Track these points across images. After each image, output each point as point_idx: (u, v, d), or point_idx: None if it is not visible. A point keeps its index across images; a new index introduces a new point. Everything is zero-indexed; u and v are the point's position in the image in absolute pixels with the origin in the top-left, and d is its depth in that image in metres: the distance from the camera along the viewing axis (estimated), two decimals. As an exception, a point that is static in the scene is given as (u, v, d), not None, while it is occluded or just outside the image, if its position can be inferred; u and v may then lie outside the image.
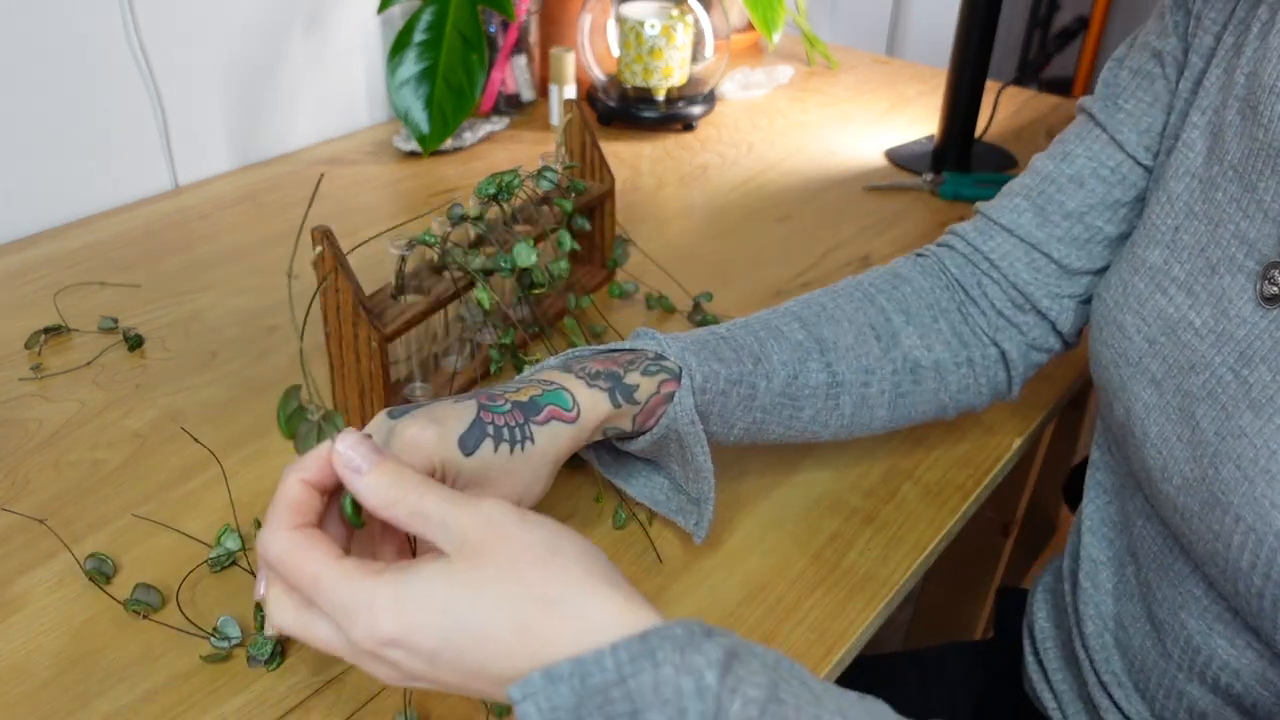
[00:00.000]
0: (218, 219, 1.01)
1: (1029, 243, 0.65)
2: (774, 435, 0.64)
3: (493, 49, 1.20)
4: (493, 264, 0.72)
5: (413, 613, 0.38)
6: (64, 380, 0.77)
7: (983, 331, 0.67)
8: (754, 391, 0.61)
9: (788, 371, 0.62)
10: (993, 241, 0.67)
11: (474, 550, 0.39)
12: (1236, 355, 0.50)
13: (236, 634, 0.55)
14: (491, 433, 0.52)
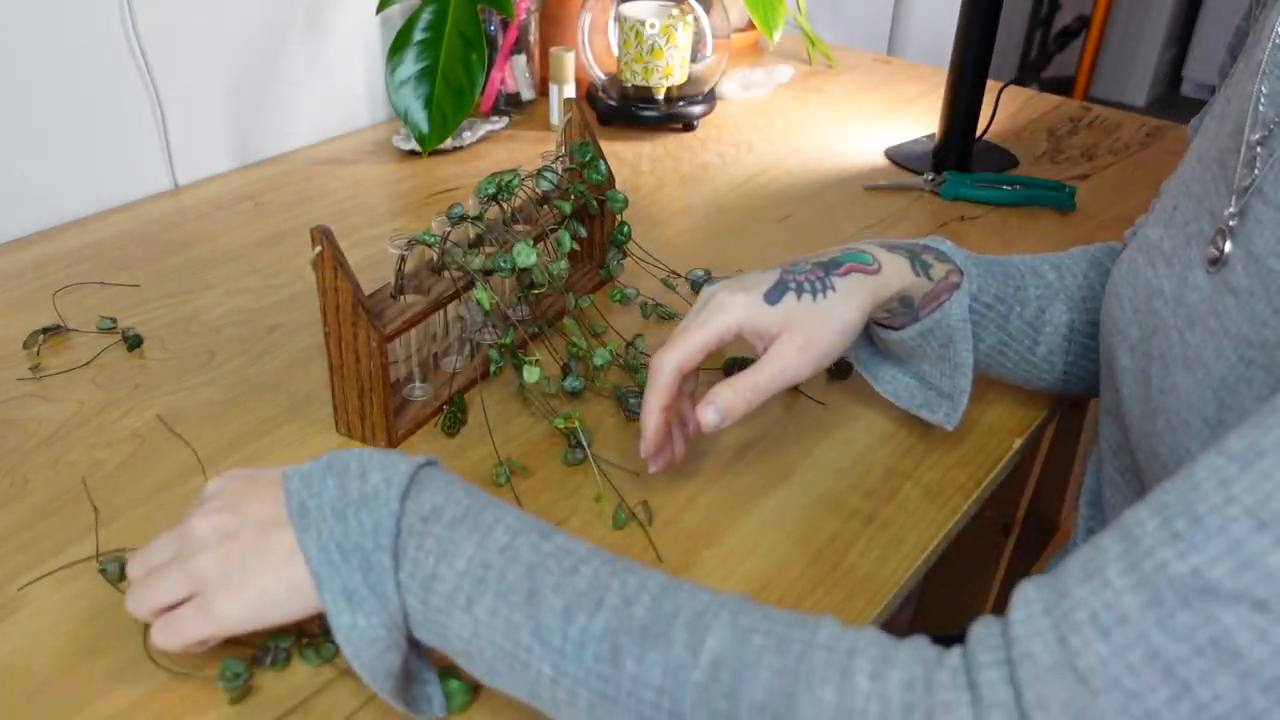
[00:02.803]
0: (217, 219, 1.01)
1: None
2: (1009, 365, 0.70)
3: (492, 48, 1.20)
4: (492, 264, 0.72)
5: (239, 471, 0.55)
6: (63, 380, 0.77)
7: None
8: (1009, 313, 0.68)
9: (1038, 305, 0.69)
10: None
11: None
12: (1184, 318, 0.53)
13: (242, 670, 0.53)
14: (793, 286, 0.60)
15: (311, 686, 0.54)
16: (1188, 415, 0.50)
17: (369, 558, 0.48)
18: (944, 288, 0.66)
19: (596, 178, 0.84)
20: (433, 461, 0.52)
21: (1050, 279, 0.71)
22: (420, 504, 0.49)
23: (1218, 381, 0.49)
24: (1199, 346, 0.51)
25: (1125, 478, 0.62)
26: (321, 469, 0.50)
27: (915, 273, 0.64)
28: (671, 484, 0.69)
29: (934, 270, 0.65)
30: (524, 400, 0.76)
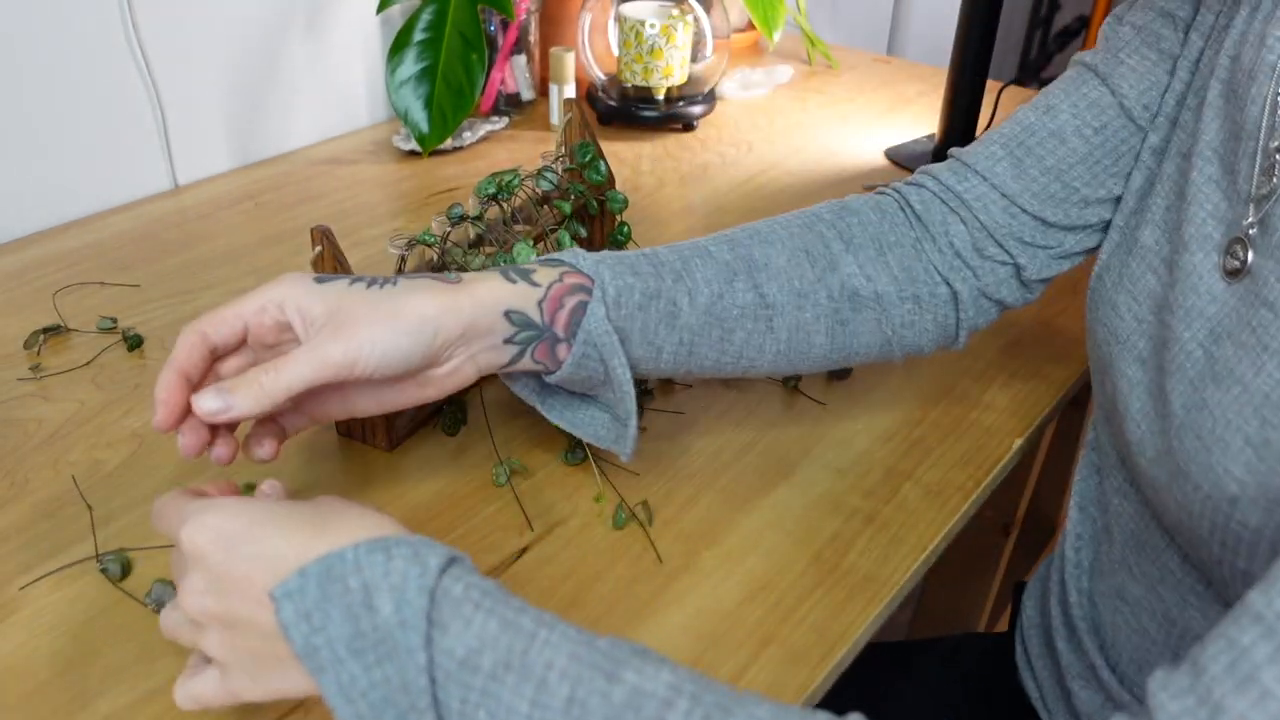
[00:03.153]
0: (217, 219, 1.01)
1: (1003, 193, 0.64)
2: (709, 363, 0.61)
3: (492, 48, 1.20)
4: (492, 264, 0.72)
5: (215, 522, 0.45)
6: (63, 380, 0.77)
7: (935, 269, 0.65)
8: (676, 309, 0.58)
9: (712, 290, 0.60)
10: (967, 183, 0.65)
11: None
12: (1206, 331, 0.51)
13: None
14: (351, 280, 0.52)
15: (312, 686, 0.54)
16: (1225, 433, 0.48)
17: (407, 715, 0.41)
18: (561, 291, 0.56)
19: (596, 178, 0.84)
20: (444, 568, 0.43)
21: (725, 258, 0.61)
22: (450, 648, 0.41)
23: (1260, 399, 0.47)
24: (1231, 362, 0.49)
25: (1133, 486, 0.61)
26: (317, 597, 0.42)
27: (510, 280, 0.55)
28: (671, 484, 0.69)
29: (537, 275, 0.56)
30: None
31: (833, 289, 0.63)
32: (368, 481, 0.68)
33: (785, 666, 0.56)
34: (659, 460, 0.71)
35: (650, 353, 0.59)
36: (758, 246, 0.63)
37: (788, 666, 0.56)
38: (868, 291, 0.64)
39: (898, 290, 0.64)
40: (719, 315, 0.60)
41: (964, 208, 0.65)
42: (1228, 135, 0.54)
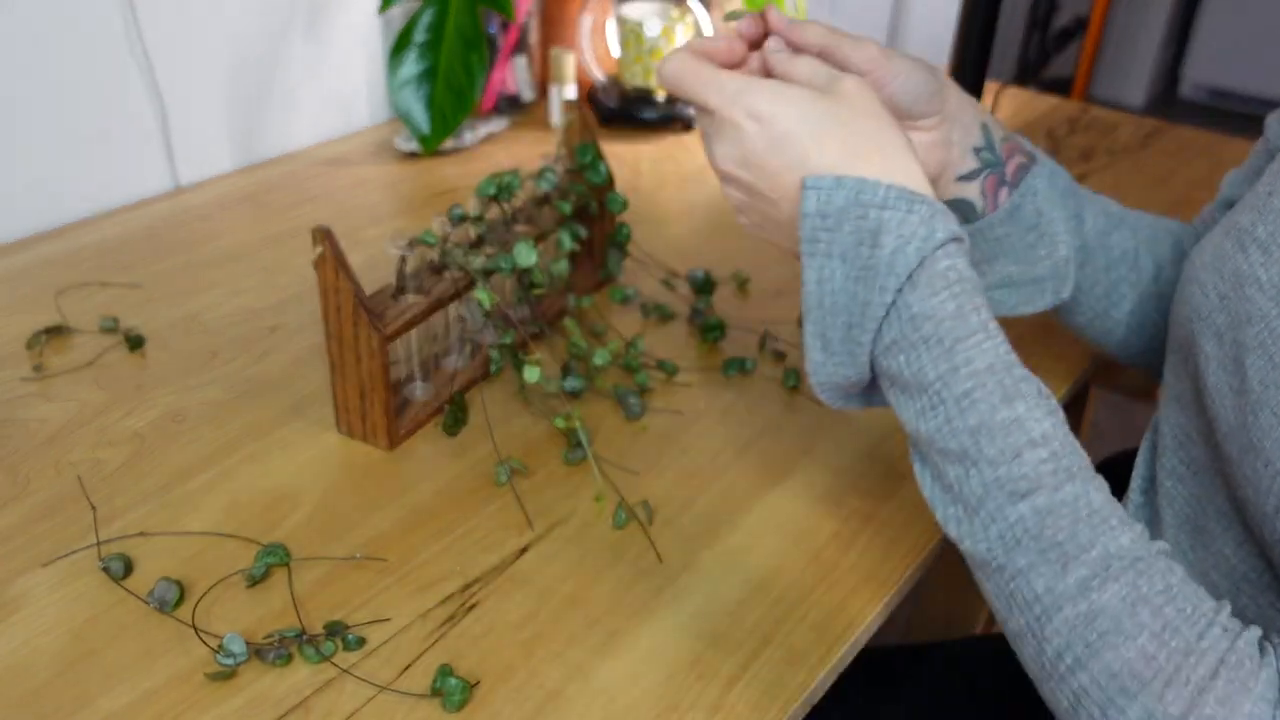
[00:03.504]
0: (219, 219, 1.01)
1: None
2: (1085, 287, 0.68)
3: (493, 49, 1.20)
4: (493, 264, 0.72)
5: (784, 101, 0.51)
6: (65, 380, 0.77)
7: None
8: (1081, 214, 0.66)
9: (1103, 224, 0.68)
10: None
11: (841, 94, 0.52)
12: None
13: (242, 650, 0.55)
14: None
15: (311, 686, 0.55)
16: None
17: (851, 326, 0.50)
18: (1015, 149, 0.64)
19: (597, 179, 0.85)
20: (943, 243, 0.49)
21: (1113, 208, 0.70)
22: (910, 302, 0.49)
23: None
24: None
25: (1192, 470, 0.60)
26: (840, 205, 0.49)
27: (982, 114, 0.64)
28: (671, 484, 0.69)
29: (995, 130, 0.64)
30: (524, 400, 0.76)
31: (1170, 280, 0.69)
32: (368, 481, 0.69)
33: (785, 666, 0.56)
34: (659, 460, 0.71)
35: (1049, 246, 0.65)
36: (1136, 217, 0.70)
37: (788, 666, 0.56)
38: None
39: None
40: (1107, 245, 0.68)
41: None
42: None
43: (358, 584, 0.61)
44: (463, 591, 0.60)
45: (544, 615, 0.59)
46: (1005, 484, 0.47)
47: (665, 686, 0.55)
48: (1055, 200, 0.64)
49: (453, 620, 0.59)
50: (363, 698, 0.54)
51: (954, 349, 0.48)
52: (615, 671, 0.56)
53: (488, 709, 0.54)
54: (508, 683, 0.55)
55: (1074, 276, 0.66)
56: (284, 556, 0.61)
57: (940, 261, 0.49)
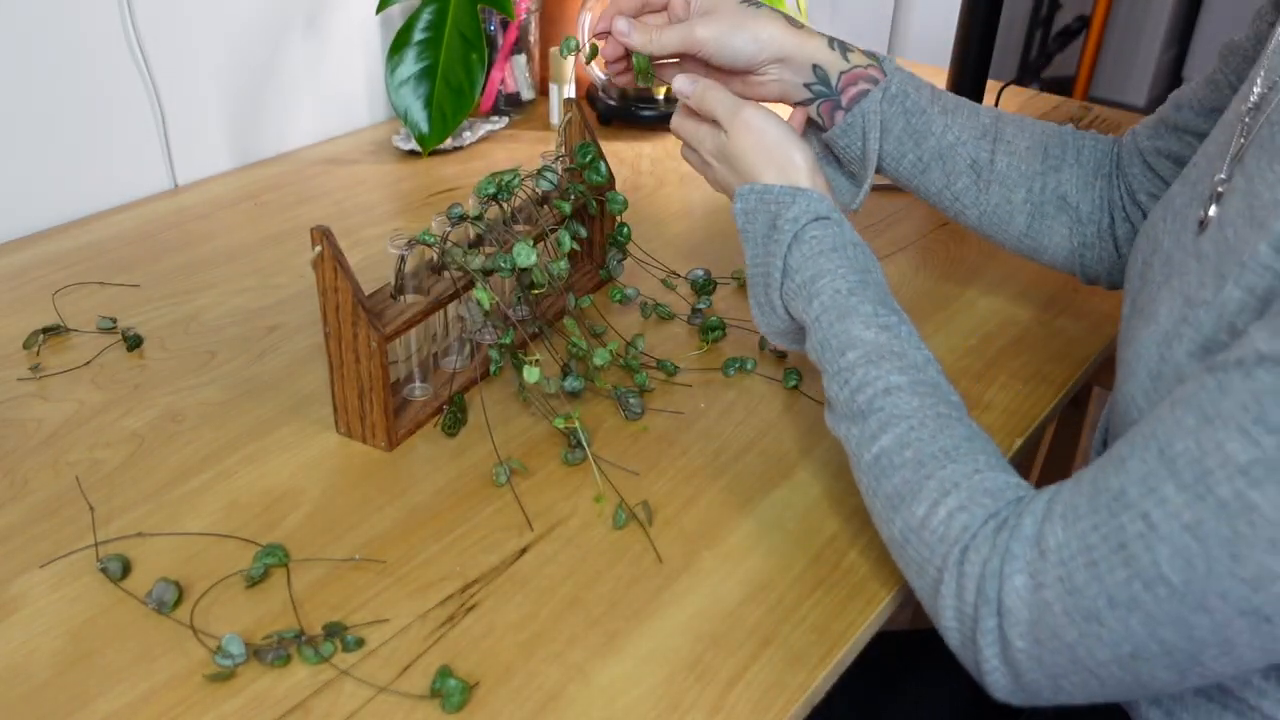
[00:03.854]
0: (217, 219, 1.01)
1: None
2: (931, 190, 0.78)
3: (492, 48, 1.20)
4: (492, 264, 0.72)
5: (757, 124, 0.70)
6: (63, 380, 0.77)
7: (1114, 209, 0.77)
8: (928, 132, 0.76)
9: (957, 136, 0.76)
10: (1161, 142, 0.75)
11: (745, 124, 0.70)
12: (1165, 276, 0.56)
13: (240, 651, 0.55)
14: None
15: (311, 686, 0.54)
16: (1136, 365, 0.55)
17: (768, 288, 0.68)
18: (860, 77, 0.75)
19: (597, 179, 0.84)
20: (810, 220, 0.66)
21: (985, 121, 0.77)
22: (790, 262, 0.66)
23: (1161, 335, 0.53)
24: (1158, 301, 0.55)
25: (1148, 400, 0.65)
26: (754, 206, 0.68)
27: (831, 48, 0.75)
28: (671, 484, 0.69)
29: (853, 56, 0.75)
30: (524, 400, 0.76)
31: (1048, 185, 0.77)
32: (368, 481, 0.68)
33: (785, 666, 0.56)
34: (659, 460, 0.71)
35: (894, 153, 0.77)
36: (1012, 126, 0.78)
37: (788, 666, 0.56)
38: (1073, 201, 0.77)
39: (1090, 213, 0.77)
40: (952, 158, 0.77)
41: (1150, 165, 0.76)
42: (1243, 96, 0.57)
43: (357, 584, 0.61)
44: (462, 592, 0.60)
45: (544, 616, 0.59)
46: (835, 375, 0.62)
47: (665, 687, 0.55)
48: (878, 120, 0.75)
49: (452, 621, 0.58)
50: (362, 699, 0.54)
51: (810, 288, 0.64)
52: (615, 672, 0.56)
53: (487, 709, 0.54)
54: (507, 683, 0.55)
55: (868, 188, 0.77)
56: (283, 557, 0.61)
57: (809, 231, 0.66)
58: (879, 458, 0.57)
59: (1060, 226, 0.78)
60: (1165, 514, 0.44)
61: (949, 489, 0.54)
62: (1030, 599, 0.48)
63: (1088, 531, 0.47)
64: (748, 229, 0.69)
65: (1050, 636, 0.48)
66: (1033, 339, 0.85)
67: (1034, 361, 0.82)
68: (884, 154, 0.77)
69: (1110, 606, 0.46)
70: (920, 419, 0.57)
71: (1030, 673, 0.50)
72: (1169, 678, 0.47)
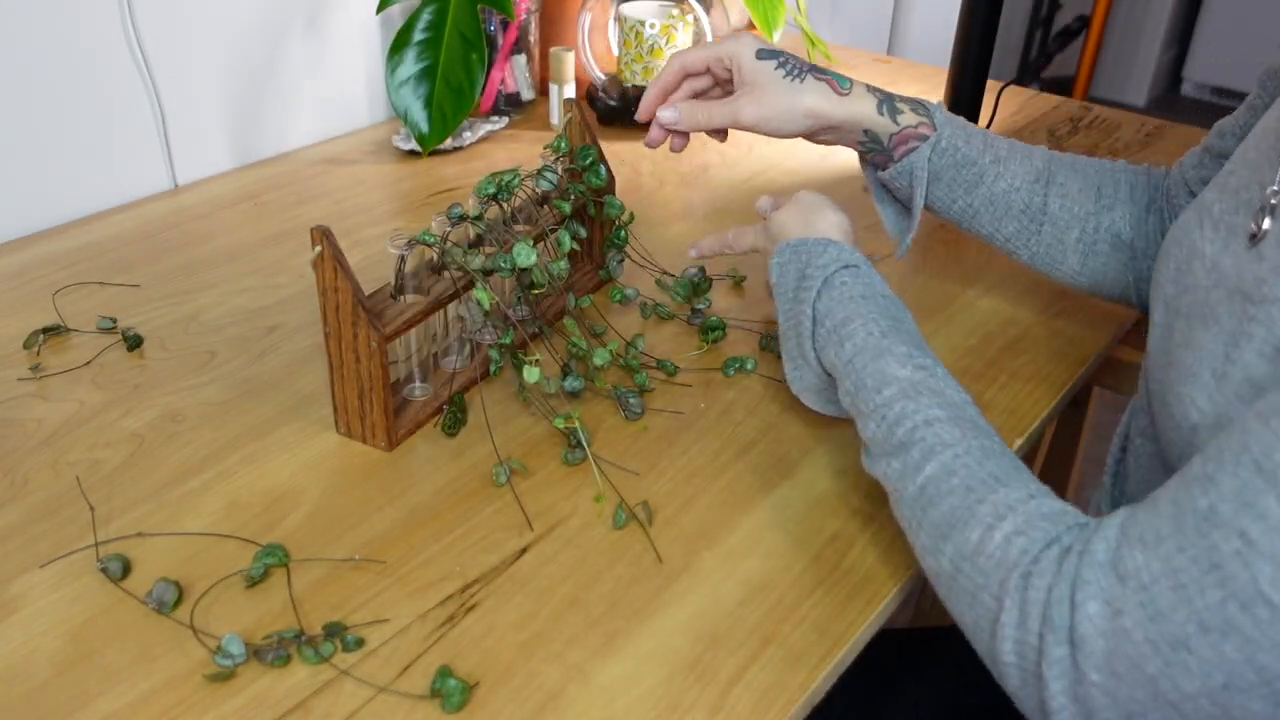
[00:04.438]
0: (217, 219, 1.01)
1: None
2: (983, 231, 0.80)
3: (492, 48, 1.20)
4: (492, 264, 0.72)
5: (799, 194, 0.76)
6: (63, 380, 0.77)
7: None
8: (979, 181, 0.77)
9: (1010, 183, 0.78)
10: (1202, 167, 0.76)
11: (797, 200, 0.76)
12: (1214, 281, 0.56)
13: (240, 651, 0.55)
14: (782, 60, 0.75)
15: (311, 686, 0.54)
16: (1197, 367, 0.53)
17: (800, 339, 0.68)
18: (911, 136, 0.76)
19: (596, 181, 0.84)
20: (838, 269, 0.67)
21: (1037, 165, 0.78)
22: (819, 310, 0.67)
23: (1227, 336, 0.52)
24: (1218, 307, 0.54)
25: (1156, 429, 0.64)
26: (787, 258, 0.70)
27: (880, 113, 0.75)
28: (671, 484, 0.69)
29: (903, 116, 0.76)
30: (524, 400, 0.76)
31: (1101, 224, 0.78)
32: (368, 481, 0.68)
33: (785, 666, 0.56)
34: (659, 460, 0.71)
35: (944, 199, 0.79)
36: (1065, 168, 0.79)
37: (788, 666, 0.56)
38: (1127, 238, 0.77)
39: (1145, 248, 0.77)
40: (1004, 204, 0.78)
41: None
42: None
43: (357, 584, 0.61)
44: (462, 592, 0.60)
45: (544, 616, 0.59)
46: (872, 413, 0.60)
47: (665, 687, 0.55)
48: (924, 178, 0.76)
49: (452, 621, 0.58)
50: (362, 699, 0.54)
51: (840, 333, 0.64)
52: (615, 672, 0.56)
53: (487, 709, 0.54)
54: (507, 683, 0.55)
55: (909, 240, 0.79)
56: (283, 557, 0.61)
57: (836, 279, 0.67)
58: (924, 487, 0.56)
59: (1115, 263, 0.78)
60: (1265, 529, 0.41)
61: (1004, 513, 0.51)
62: (1107, 627, 0.45)
63: (1173, 554, 0.44)
64: (780, 283, 0.70)
65: (1130, 668, 0.44)
66: (1033, 339, 0.85)
67: (1034, 361, 0.82)
68: (934, 199, 0.79)
69: (1201, 632, 0.42)
70: (965, 446, 0.56)
71: (1104, 710, 0.46)
72: (1264, 711, 0.43)
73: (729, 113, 0.75)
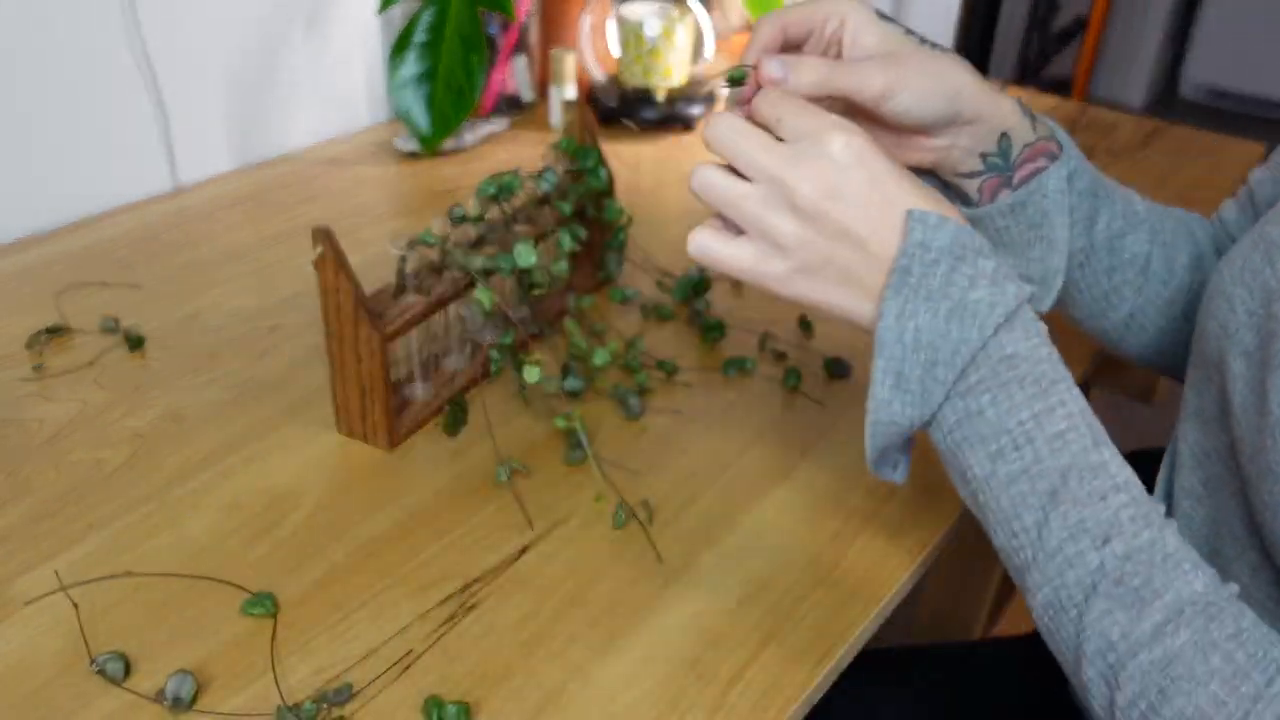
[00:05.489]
0: (218, 219, 1.01)
1: None
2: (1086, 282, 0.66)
3: (493, 50, 1.20)
4: (493, 264, 0.72)
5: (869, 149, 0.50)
6: (65, 380, 0.77)
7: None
8: (1096, 216, 0.64)
9: (1119, 226, 0.65)
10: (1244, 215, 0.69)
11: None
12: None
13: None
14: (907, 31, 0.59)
15: (312, 686, 0.55)
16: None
17: (935, 364, 0.48)
18: (1041, 152, 0.61)
19: (597, 184, 0.85)
20: (1030, 295, 0.50)
21: (1139, 210, 0.67)
22: (1004, 343, 0.49)
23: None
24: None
25: (1209, 490, 0.59)
26: (942, 246, 0.48)
27: (1022, 114, 0.61)
28: (671, 484, 0.69)
29: (1038, 126, 0.62)
30: (524, 400, 0.76)
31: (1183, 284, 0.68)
32: (368, 481, 0.69)
33: (785, 666, 0.56)
34: (659, 460, 0.71)
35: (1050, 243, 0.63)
36: (1160, 217, 0.68)
37: (788, 666, 0.56)
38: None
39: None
40: (1116, 248, 0.66)
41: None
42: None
43: (357, 584, 0.61)
44: (462, 592, 0.60)
45: (544, 615, 0.59)
46: (1090, 527, 0.46)
47: (665, 686, 0.55)
48: (1065, 203, 0.62)
49: (452, 621, 0.59)
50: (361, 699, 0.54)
51: (1049, 390, 0.48)
52: (615, 671, 0.56)
53: (487, 709, 0.54)
54: (507, 683, 0.55)
55: (1060, 285, 0.64)
56: (270, 608, 0.59)
57: (1028, 311, 0.50)
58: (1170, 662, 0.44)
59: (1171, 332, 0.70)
60: None
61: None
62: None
63: None
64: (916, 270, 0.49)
65: None
66: (1032, 339, 0.85)
67: (1033, 362, 0.82)
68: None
69: None
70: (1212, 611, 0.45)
71: None
72: None
73: (856, 77, 0.55)
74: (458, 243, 0.73)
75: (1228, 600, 0.45)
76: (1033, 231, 0.62)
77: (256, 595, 0.59)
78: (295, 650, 0.56)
